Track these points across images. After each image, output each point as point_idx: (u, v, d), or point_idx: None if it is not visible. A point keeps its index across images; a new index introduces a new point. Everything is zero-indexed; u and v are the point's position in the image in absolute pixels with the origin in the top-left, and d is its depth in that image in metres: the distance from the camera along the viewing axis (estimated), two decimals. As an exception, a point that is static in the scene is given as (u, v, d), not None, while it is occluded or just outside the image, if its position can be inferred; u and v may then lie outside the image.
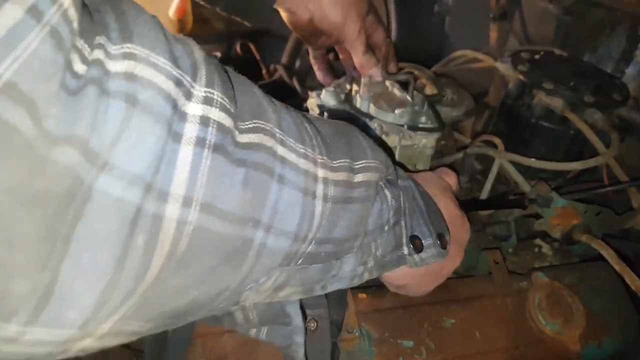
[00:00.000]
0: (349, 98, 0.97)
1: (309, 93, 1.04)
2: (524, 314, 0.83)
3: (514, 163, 1.03)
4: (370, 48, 1.01)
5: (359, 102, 0.93)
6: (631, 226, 1.02)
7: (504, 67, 1.13)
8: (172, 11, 1.81)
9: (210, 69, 0.39)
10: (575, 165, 0.98)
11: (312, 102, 1.01)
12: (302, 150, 0.47)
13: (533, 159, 1.01)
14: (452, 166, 1.10)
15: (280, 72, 1.75)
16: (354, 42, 0.98)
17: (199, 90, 0.37)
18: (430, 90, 1.15)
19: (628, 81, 1.25)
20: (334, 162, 0.51)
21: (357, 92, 0.95)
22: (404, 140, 0.89)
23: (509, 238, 0.99)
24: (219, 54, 1.74)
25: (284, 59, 1.90)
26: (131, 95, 0.32)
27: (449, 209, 0.70)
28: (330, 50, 1.15)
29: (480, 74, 1.32)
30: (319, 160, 0.49)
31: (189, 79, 0.37)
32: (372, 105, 0.91)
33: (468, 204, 0.92)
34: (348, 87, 1.02)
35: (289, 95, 1.68)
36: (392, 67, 1.06)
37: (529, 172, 1.05)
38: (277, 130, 0.45)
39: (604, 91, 1.04)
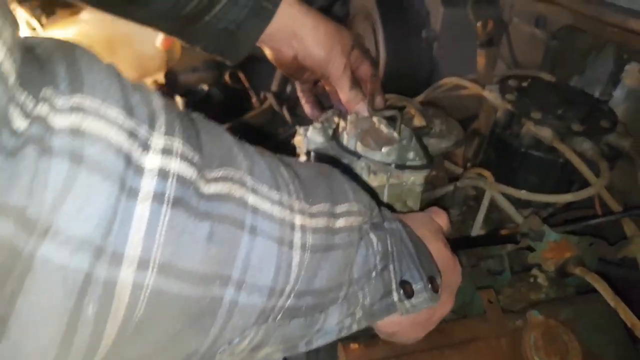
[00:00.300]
0: (336, 135, 0.96)
1: (297, 128, 1.03)
2: (520, 355, 0.81)
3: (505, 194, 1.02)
4: (356, 83, 1.00)
5: (345, 140, 0.92)
6: (625, 255, 1.01)
7: (491, 95, 1.13)
8: (159, 41, 1.81)
9: (171, 117, 0.37)
10: (567, 198, 0.97)
11: (298, 140, 1.00)
12: (277, 197, 0.45)
13: (524, 191, 1.00)
14: (442, 199, 1.10)
15: (270, 100, 1.75)
16: (340, 79, 0.97)
17: (158, 140, 0.35)
18: (418, 121, 1.14)
19: (616, 104, 1.25)
20: (313, 207, 0.49)
21: (344, 129, 0.94)
22: (392, 179, 0.88)
23: (503, 272, 0.98)
24: (205, 87, 1.74)
25: (274, 86, 1.90)
26: (76, 152, 0.30)
27: (440, 252, 0.68)
28: (317, 81, 1.15)
29: (471, 97, 1.32)
30: (296, 207, 0.47)
31: (145, 128, 0.35)
32: (359, 144, 0.90)
33: (460, 242, 0.91)
34: (336, 120, 1.01)
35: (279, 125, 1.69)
36: (379, 101, 1.05)
37: (521, 201, 1.04)
38: (249, 178, 0.43)
39: (592, 118, 1.03)
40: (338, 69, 0.96)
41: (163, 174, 0.35)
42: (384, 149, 0.89)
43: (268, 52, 0.99)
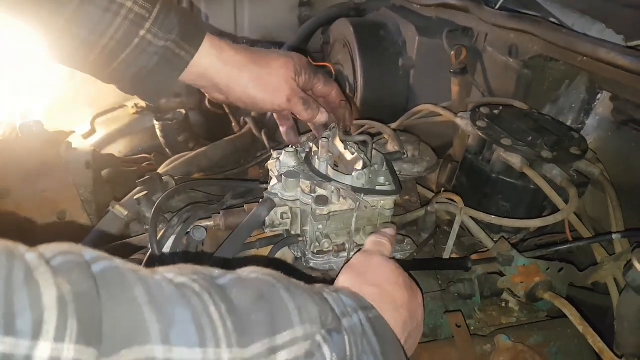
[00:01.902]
0: (308, 159, 0.97)
1: (271, 152, 1.04)
2: (487, 380, 0.81)
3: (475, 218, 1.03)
4: (308, 100, 1.00)
5: (317, 164, 0.93)
6: (595, 280, 1.02)
7: (463, 122, 1.14)
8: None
9: (64, 313, 0.36)
10: (535, 223, 0.98)
11: (271, 163, 1.00)
12: (200, 356, 0.43)
13: (493, 217, 1.00)
14: (415, 223, 1.10)
15: (250, 125, 1.76)
16: (292, 108, 0.97)
17: (43, 350, 0.34)
18: (392, 146, 1.16)
19: (588, 132, 1.27)
20: (248, 350, 0.46)
21: (316, 153, 0.95)
22: (360, 209, 0.88)
23: (473, 297, 0.98)
24: (183, 111, 1.74)
25: (254, 111, 1.91)
26: None
27: (403, 300, 0.68)
28: None
29: (446, 124, 1.33)
30: (226, 357, 0.45)
31: (26, 343, 0.34)
32: (330, 168, 0.91)
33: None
34: (310, 145, 1.02)
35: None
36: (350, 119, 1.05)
37: (494, 225, 1.04)
38: (161, 348, 0.41)
39: (562, 146, 1.05)
40: (282, 102, 0.95)
41: None
42: (354, 173, 0.89)
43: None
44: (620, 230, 1.01)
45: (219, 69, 0.90)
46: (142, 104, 2.01)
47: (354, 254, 0.82)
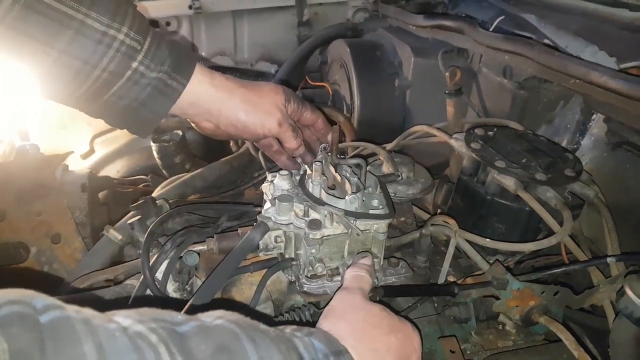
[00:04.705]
0: (301, 182, 0.97)
1: (267, 174, 1.04)
2: (481, 407, 0.80)
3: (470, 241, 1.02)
4: (297, 128, 1.01)
5: (310, 187, 0.93)
6: (592, 303, 1.01)
7: (457, 144, 1.14)
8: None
9: None
10: (528, 246, 0.97)
11: (265, 187, 1.00)
12: None
13: (488, 240, 1.00)
14: (410, 245, 1.10)
15: (247, 145, 1.76)
16: (280, 132, 0.97)
17: None
18: (387, 168, 1.16)
19: (584, 152, 1.27)
20: None
21: (309, 176, 0.95)
22: (352, 234, 0.88)
23: (469, 320, 0.97)
24: (180, 132, 1.74)
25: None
26: None
27: (389, 345, 0.68)
28: None
29: (442, 144, 1.33)
30: None
31: None
32: (323, 192, 0.91)
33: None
34: (305, 168, 1.02)
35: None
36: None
37: (489, 247, 1.04)
38: None
39: (556, 167, 1.05)
40: (273, 126, 0.96)
41: None
42: (347, 197, 0.89)
43: (193, 124, 0.99)
44: (615, 254, 1.00)
45: (211, 93, 0.91)
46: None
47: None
